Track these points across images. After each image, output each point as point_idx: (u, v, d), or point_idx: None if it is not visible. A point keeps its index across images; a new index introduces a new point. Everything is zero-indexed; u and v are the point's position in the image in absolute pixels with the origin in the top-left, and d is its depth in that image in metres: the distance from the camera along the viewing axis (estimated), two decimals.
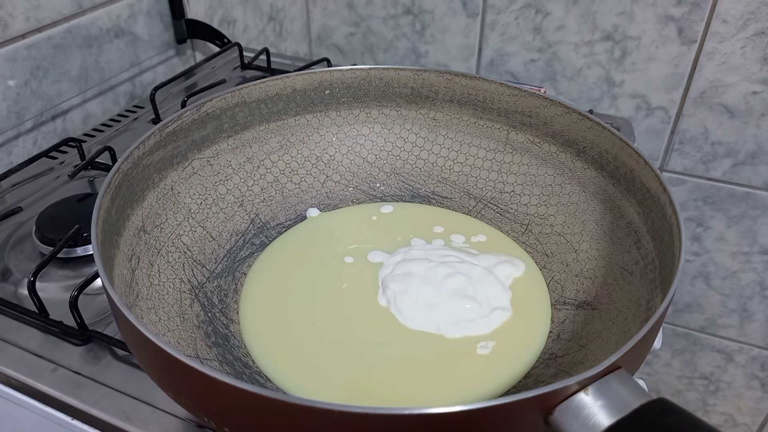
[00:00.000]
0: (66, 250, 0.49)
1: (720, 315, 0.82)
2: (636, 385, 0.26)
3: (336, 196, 0.51)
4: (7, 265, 0.50)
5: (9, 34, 0.61)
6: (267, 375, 0.38)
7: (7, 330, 0.44)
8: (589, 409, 0.25)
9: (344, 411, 0.24)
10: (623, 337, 0.35)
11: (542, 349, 0.39)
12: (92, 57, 0.70)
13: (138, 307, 0.36)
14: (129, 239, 0.39)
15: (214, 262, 0.44)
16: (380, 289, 0.43)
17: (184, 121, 0.44)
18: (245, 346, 0.39)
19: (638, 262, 0.38)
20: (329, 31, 0.79)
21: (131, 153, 0.39)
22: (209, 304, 0.41)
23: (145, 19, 0.76)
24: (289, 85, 0.49)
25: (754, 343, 0.83)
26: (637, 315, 0.36)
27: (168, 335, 0.36)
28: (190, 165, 0.45)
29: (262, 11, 0.79)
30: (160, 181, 0.42)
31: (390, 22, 0.75)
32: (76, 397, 0.40)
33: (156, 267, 0.40)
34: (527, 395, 0.25)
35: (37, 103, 0.65)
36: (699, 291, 0.82)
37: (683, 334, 0.86)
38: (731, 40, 0.68)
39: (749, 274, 0.78)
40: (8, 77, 0.62)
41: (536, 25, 0.73)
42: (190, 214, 0.44)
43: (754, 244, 0.75)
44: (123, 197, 0.38)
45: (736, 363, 0.86)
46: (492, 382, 0.37)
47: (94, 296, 0.46)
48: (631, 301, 0.37)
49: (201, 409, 0.30)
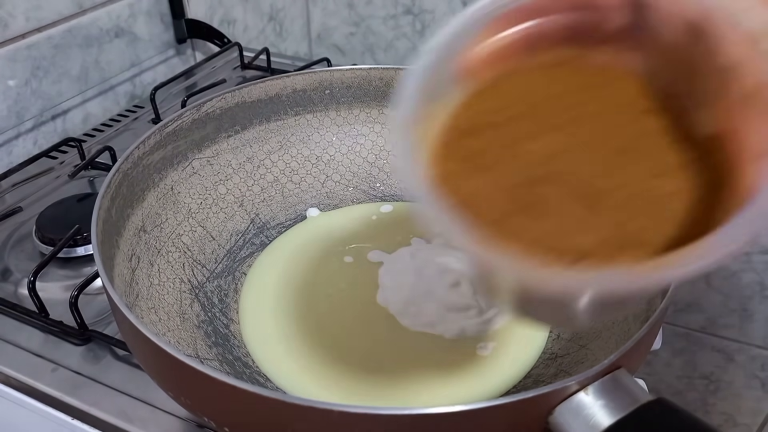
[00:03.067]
0: (66, 250, 0.49)
1: (720, 315, 0.82)
2: (636, 384, 0.26)
3: (336, 196, 0.51)
4: (7, 264, 0.50)
5: (9, 34, 0.61)
6: (267, 375, 0.38)
7: (7, 330, 0.44)
8: (590, 409, 0.25)
9: (344, 411, 0.24)
10: (623, 336, 0.35)
11: (542, 349, 0.39)
12: (92, 57, 0.70)
13: (138, 307, 0.36)
14: (129, 239, 0.39)
15: (214, 262, 0.44)
16: (380, 289, 0.43)
17: (184, 120, 0.44)
18: (245, 346, 0.39)
19: None
20: (329, 31, 0.79)
21: (131, 153, 0.39)
22: (209, 304, 0.41)
23: (145, 18, 0.76)
24: (289, 85, 0.49)
25: (754, 343, 0.83)
26: (637, 315, 0.36)
27: (168, 335, 0.36)
28: (190, 165, 0.45)
29: (262, 11, 0.79)
30: (160, 181, 0.42)
31: (390, 21, 0.75)
32: (76, 397, 0.40)
33: (156, 267, 0.40)
34: (527, 395, 0.25)
35: (37, 103, 0.65)
36: (699, 291, 0.81)
37: (683, 334, 0.86)
38: None
39: (749, 274, 0.78)
40: (8, 77, 0.62)
41: None
42: (190, 213, 0.44)
43: (755, 244, 0.75)
44: (123, 197, 0.38)
45: (737, 363, 0.85)
46: (492, 382, 0.37)
47: (94, 296, 0.46)
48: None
49: (201, 409, 0.30)
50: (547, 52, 0.24)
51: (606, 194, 0.21)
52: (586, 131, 0.22)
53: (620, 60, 0.23)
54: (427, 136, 0.23)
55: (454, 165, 0.22)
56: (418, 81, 0.22)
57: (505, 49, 0.23)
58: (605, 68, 0.24)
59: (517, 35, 0.23)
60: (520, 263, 0.19)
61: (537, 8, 0.23)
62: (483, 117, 0.23)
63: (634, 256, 0.20)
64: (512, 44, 0.23)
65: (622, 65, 0.23)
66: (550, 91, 0.24)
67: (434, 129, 0.23)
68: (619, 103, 0.23)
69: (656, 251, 0.20)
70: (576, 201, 0.21)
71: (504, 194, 0.22)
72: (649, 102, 0.23)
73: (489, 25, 0.23)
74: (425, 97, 0.22)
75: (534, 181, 0.22)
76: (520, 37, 0.23)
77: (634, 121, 0.22)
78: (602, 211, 0.21)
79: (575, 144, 0.22)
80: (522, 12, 0.23)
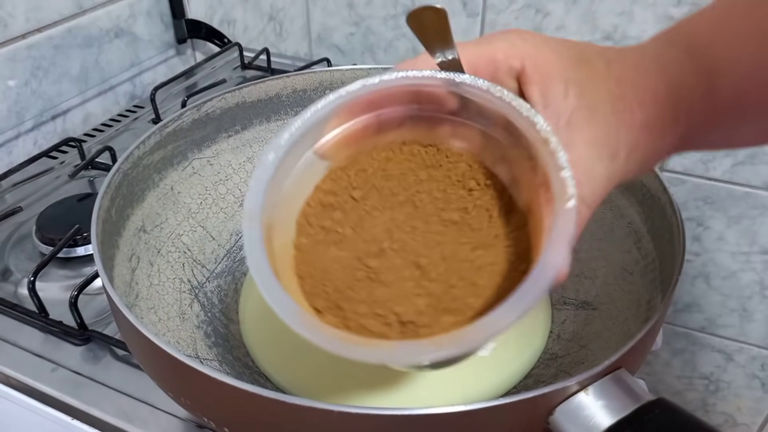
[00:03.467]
0: (66, 250, 0.49)
1: (720, 315, 0.82)
2: (636, 385, 0.26)
3: None
4: (7, 264, 0.50)
5: (9, 34, 0.61)
6: (267, 375, 0.38)
7: (7, 330, 0.44)
8: (590, 410, 0.25)
9: (344, 411, 0.24)
10: (623, 337, 0.35)
11: (543, 349, 0.39)
12: (92, 57, 0.70)
13: (138, 307, 0.36)
14: (129, 239, 0.39)
15: (214, 262, 0.44)
16: None
17: (184, 120, 0.44)
18: (245, 346, 0.39)
19: (638, 262, 0.38)
20: (329, 31, 0.79)
21: (131, 153, 0.39)
22: (209, 304, 0.41)
23: (145, 19, 0.76)
24: (289, 85, 0.49)
25: (754, 343, 0.83)
26: (638, 315, 0.36)
27: (168, 335, 0.36)
28: (190, 165, 0.45)
29: (262, 11, 0.79)
30: (160, 181, 0.42)
31: (390, 21, 0.75)
32: (76, 397, 0.40)
33: (156, 267, 0.40)
34: (527, 395, 0.25)
35: (37, 103, 0.65)
36: (699, 291, 0.81)
37: (683, 334, 0.86)
38: None
39: (749, 274, 0.78)
40: (8, 77, 0.62)
41: (536, 25, 0.73)
42: (190, 213, 0.44)
43: (754, 243, 0.75)
44: (123, 197, 0.38)
45: (736, 363, 0.85)
46: (492, 382, 0.37)
47: (94, 296, 0.46)
48: (632, 301, 0.37)
49: (201, 409, 0.30)
50: (396, 131, 0.27)
51: (433, 265, 0.24)
52: (423, 207, 0.26)
53: (458, 137, 0.27)
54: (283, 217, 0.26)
55: (311, 239, 0.26)
56: (269, 174, 0.24)
57: (357, 133, 0.27)
58: (444, 147, 0.27)
59: (366, 121, 0.26)
60: (334, 343, 0.21)
61: (377, 101, 0.26)
62: (338, 195, 0.27)
63: (455, 321, 0.23)
64: (363, 128, 0.27)
65: (459, 143, 0.27)
66: (396, 169, 0.27)
67: (296, 206, 0.27)
68: (452, 180, 0.27)
69: (475, 315, 0.23)
70: (408, 271, 0.24)
71: (349, 266, 0.25)
72: (479, 179, 0.26)
73: (339, 114, 0.26)
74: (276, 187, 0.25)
75: (376, 254, 0.25)
76: (369, 122, 0.27)
77: (464, 198, 0.26)
78: (430, 280, 0.24)
79: (413, 218, 0.26)
80: (364, 104, 0.26)
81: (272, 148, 0.24)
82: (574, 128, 0.24)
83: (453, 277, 0.24)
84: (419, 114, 0.27)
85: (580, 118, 0.24)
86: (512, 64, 0.25)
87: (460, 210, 0.26)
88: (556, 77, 0.25)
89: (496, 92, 0.24)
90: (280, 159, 0.25)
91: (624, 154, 0.25)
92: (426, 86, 0.25)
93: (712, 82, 0.27)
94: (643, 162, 0.26)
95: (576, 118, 0.24)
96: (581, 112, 0.24)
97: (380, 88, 0.25)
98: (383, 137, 0.27)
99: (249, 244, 0.23)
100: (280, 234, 0.26)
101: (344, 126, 0.26)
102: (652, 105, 0.25)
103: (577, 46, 0.26)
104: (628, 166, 0.25)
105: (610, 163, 0.24)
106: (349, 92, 0.25)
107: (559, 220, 0.21)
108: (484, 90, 0.24)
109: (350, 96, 0.25)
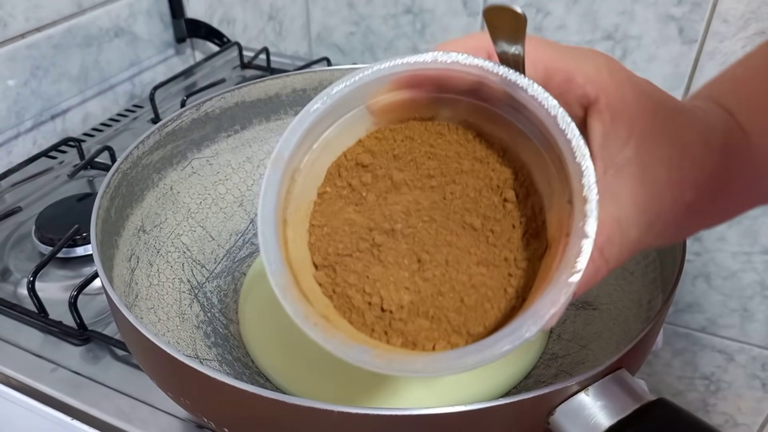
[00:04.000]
0: (65, 250, 0.49)
1: (721, 315, 0.82)
2: (637, 385, 0.26)
3: None
4: (6, 265, 0.50)
5: (9, 33, 0.61)
6: (267, 375, 0.37)
7: (7, 330, 0.44)
8: (590, 410, 0.25)
9: (344, 411, 0.24)
10: (624, 337, 0.35)
11: (543, 349, 0.39)
12: (92, 56, 0.70)
13: (137, 307, 0.36)
14: (128, 239, 0.38)
15: (214, 262, 0.44)
16: None
17: (184, 120, 0.44)
18: (245, 346, 0.39)
19: (639, 262, 0.38)
20: (329, 31, 0.79)
21: (131, 153, 0.39)
22: (209, 304, 0.41)
23: (144, 18, 0.76)
24: (289, 85, 0.49)
25: (754, 343, 0.83)
26: (638, 315, 0.36)
27: (167, 335, 0.36)
28: (189, 164, 0.45)
29: (262, 10, 0.79)
30: (159, 181, 0.42)
31: (390, 21, 0.75)
32: (76, 397, 0.40)
33: (155, 267, 0.40)
34: (528, 395, 0.25)
35: (36, 103, 0.65)
36: (700, 291, 0.81)
37: (684, 334, 0.86)
38: (732, 40, 0.68)
39: (750, 274, 0.78)
40: (8, 77, 0.62)
41: (537, 24, 0.73)
42: (189, 213, 0.44)
43: (755, 244, 0.75)
44: (122, 197, 0.38)
45: (737, 363, 0.85)
46: (492, 382, 0.37)
47: (94, 296, 0.46)
48: (632, 301, 0.37)
49: (200, 409, 0.30)
50: (455, 111, 0.26)
51: (433, 265, 0.24)
52: (451, 201, 0.25)
53: (515, 142, 0.25)
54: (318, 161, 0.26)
55: (335, 191, 0.26)
56: (308, 122, 0.24)
57: (419, 101, 0.25)
58: (499, 145, 0.25)
59: (429, 93, 0.25)
60: (314, 330, 0.22)
61: (442, 79, 0.24)
62: (376, 156, 0.26)
63: (429, 327, 0.23)
64: (427, 99, 0.25)
65: (514, 147, 0.25)
66: (443, 148, 0.26)
67: (333, 154, 0.26)
68: (492, 183, 0.25)
69: (450, 330, 0.23)
70: (408, 260, 0.24)
71: (357, 234, 0.25)
72: (519, 191, 0.25)
73: (401, 80, 0.24)
74: (314, 134, 0.25)
75: (386, 231, 0.24)
76: (431, 97, 0.25)
77: (495, 207, 0.25)
78: (423, 279, 0.24)
79: (436, 209, 0.25)
80: (429, 79, 0.24)
81: (320, 98, 0.24)
82: (623, 180, 0.23)
83: (446, 284, 0.24)
84: (484, 106, 0.25)
85: (632, 174, 0.23)
86: (588, 91, 0.24)
87: (485, 218, 0.25)
88: (624, 122, 0.23)
89: (561, 123, 0.22)
90: (326, 109, 0.24)
91: (659, 228, 0.24)
92: (495, 83, 0.23)
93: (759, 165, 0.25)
94: (673, 239, 0.25)
95: (628, 172, 0.23)
96: (634, 168, 0.23)
97: (451, 68, 0.23)
98: (443, 113, 0.26)
99: (264, 190, 0.24)
100: (309, 176, 0.25)
101: (404, 92, 0.25)
102: (705, 188, 0.24)
103: (662, 93, 0.25)
104: (658, 240, 0.24)
105: (645, 232, 0.23)
106: (418, 62, 0.24)
107: (553, 290, 0.20)
108: (552, 116, 0.22)
109: (418, 66, 0.24)
